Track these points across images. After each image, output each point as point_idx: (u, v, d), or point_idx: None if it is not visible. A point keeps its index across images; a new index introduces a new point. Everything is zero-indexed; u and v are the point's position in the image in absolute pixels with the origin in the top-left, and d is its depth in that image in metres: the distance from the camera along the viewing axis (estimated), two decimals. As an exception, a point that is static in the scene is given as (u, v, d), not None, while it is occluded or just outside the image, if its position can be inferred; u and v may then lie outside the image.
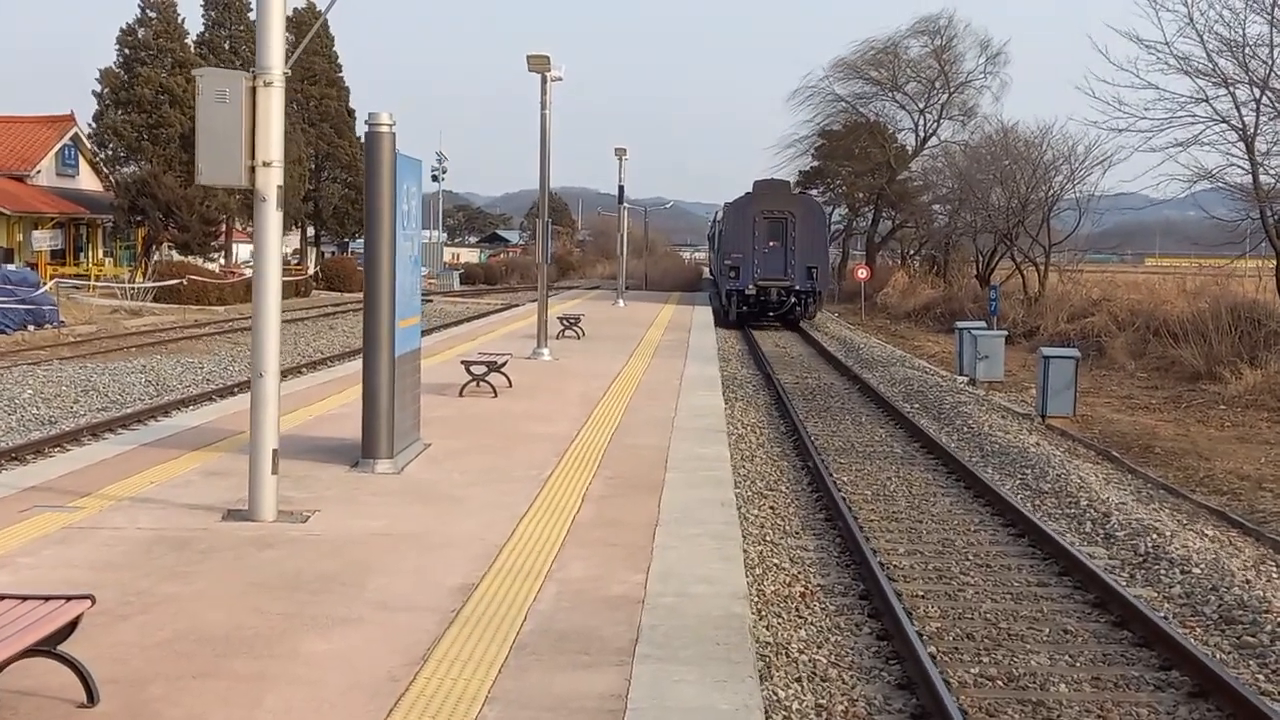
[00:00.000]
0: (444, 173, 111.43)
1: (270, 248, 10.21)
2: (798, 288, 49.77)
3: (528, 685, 6.66)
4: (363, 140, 14.25)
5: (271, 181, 9.98)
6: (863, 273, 62.52)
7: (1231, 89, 28.86)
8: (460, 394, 18.24)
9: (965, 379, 29.94)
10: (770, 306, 50.45)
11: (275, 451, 10.14)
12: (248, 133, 9.86)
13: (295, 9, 62.02)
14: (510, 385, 19.21)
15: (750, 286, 49.81)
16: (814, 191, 79.70)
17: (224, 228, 61.48)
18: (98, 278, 55.43)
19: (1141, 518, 14.75)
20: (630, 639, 7.46)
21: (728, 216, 53.62)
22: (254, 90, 9.91)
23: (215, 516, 10.22)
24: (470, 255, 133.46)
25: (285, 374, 26.43)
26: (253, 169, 9.92)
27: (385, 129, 11.95)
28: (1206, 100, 29.38)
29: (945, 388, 28.49)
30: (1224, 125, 29.33)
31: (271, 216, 10.10)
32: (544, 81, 24.60)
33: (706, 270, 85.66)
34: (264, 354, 10.18)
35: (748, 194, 53.24)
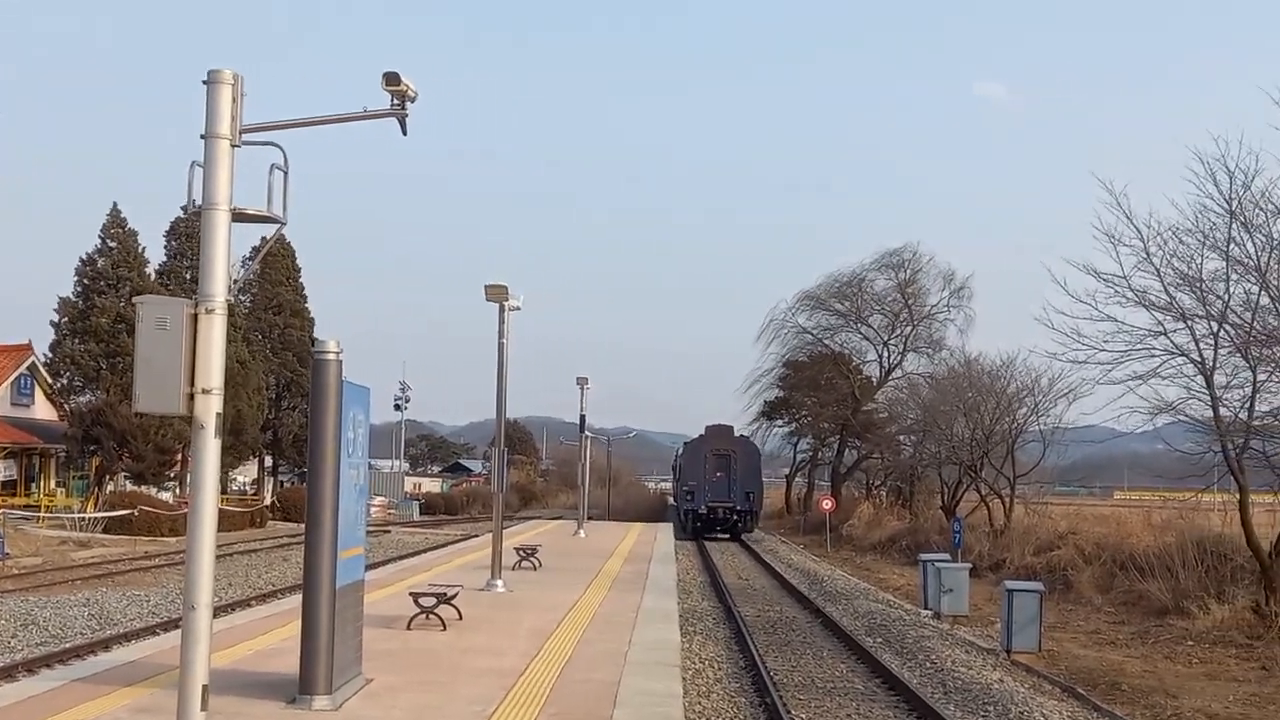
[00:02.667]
0: (407, 402, 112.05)
1: (207, 476, 9.83)
2: (738, 508, 64.04)
3: None
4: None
5: (210, 409, 9.66)
6: (827, 503, 62.80)
7: (1190, 323, 28.61)
8: (408, 627, 17.68)
9: (930, 613, 29.47)
10: (718, 522, 64.43)
11: (205, 688, 9.62)
12: (188, 360, 9.57)
13: (263, 237, 62.52)
14: (460, 618, 18.66)
15: (703, 507, 64.14)
16: (779, 422, 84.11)
17: (180, 457, 60.78)
18: (48, 508, 54.59)
19: (1110, 759, 14.26)
20: None
21: (686, 453, 68.58)
22: (195, 317, 9.66)
23: (136, 760, 9.67)
24: (433, 485, 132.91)
25: (233, 607, 25.92)
26: (191, 396, 9.61)
27: (332, 357, 11.75)
28: (1165, 334, 29.21)
29: (909, 621, 28.00)
30: (1183, 358, 29.17)
31: (209, 444, 9.74)
32: (502, 311, 24.48)
33: (671, 499, 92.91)
34: (197, 586, 9.70)
35: (701, 435, 67.75)
